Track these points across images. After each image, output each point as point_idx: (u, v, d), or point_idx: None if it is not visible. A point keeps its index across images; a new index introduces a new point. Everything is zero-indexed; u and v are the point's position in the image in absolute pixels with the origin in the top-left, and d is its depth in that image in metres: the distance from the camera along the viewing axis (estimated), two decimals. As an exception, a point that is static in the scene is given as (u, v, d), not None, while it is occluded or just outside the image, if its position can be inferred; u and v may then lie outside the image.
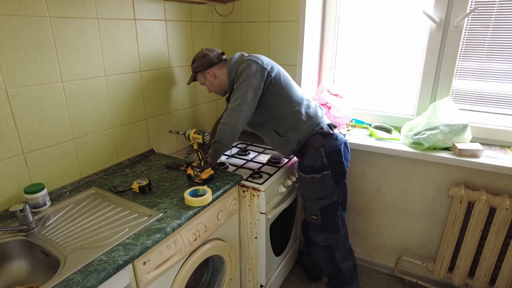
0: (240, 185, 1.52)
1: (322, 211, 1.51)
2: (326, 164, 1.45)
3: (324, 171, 1.45)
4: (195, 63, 1.57)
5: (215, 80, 1.57)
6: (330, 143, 1.47)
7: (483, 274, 1.63)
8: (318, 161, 1.45)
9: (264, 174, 1.58)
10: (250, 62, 1.43)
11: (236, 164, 1.72)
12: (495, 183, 1.59)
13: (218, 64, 1.56)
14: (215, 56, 1.55)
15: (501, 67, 1.58)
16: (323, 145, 1.45)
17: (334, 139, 1.49)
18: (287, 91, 1.48)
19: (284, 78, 1.50)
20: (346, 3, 1.89)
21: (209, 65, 1.54)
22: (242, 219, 1.58)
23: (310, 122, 1.47)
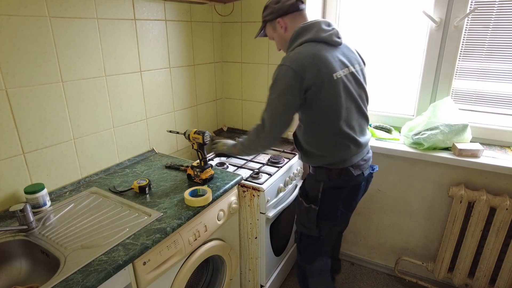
0: (240, 185, 1.52)
1: (301, 236, 1.44)
2: (318, 199, 1.31)
3: (312, 204, 1.32)
4: (266, 11, 1.32)
5: (285, 34, 1.30)
6: (334, 183, 1.29)
7: (483, 274, 1.63)
8: (314, 191, 1.33)
9: (264, 174, 1.58)
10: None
11: (236, 164, 1.72)
12: (495, 183, 1.59)
13: (293, 14, 1.27)
14: (291, 4, 1.26)
15: (501, 67, 1.58)
16: (325, 181, 1.29)
17: (341, 180, 1.28)
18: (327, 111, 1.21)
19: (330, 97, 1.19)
20: (346, 3, 1.89)
21: (281, 13, 1.27)
22: (242, 219, 1.58)
23: (325, 159, 1.28)
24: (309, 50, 1.18)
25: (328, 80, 1.16)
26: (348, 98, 1.21)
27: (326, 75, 1.15)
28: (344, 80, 1.20)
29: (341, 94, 1.18)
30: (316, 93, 1.16)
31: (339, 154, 1.25)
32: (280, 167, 1.67)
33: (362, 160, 1.30)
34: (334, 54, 1.20)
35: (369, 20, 1.86)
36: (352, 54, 1.30)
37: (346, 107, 1.21)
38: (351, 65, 1.25)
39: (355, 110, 1.25)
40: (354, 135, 1.25)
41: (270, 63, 1.98)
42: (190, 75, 1.90)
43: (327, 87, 1.16)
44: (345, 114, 1.21)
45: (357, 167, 1.28)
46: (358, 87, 1.26)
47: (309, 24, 1.24)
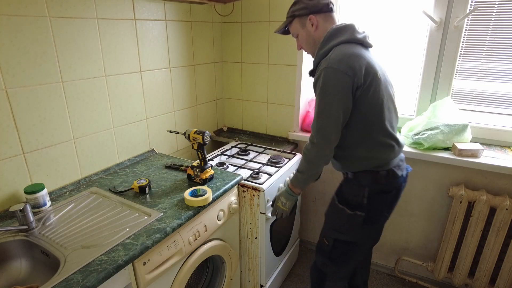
0: (240, 185, 1.52)
1: (336, 242, 1.33)
2: (365, 204, 1.23)
3: (358, 210, 1.24)
4: (296, 5, 1.27)
5: (314, 32, 1.26)
6: (381, 187, 1.23)
7: (483, 274, 1.63)
8: (358, 197, 1.24)
9: (264, 174, 1.58)
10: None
11: (236, 164, 1.72)
12: (495, 183, 1.59)
13: (325, 14, 1.25)
14: (326, 4, 1.24)
15: (501, 67, 1.58)
16: (370, 185, 1.23)
17: (388, 183, 1.24)
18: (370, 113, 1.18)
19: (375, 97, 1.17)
20: (346, 3, 1.89)
21: (315, 10, 1.23)
22: (242, 219, 1.58)
23: (370, 162, 1.22)
24: (350, 50, 1.15)
25: (374, 78, 1.14)
26: (388, 98, 1.22)
27: (372, 74, 1.14)
28: (384, 79, 1.21)
29: (383, 93, 1.18)
30: (364, 92, 1.14)
31: (385, 155, 1.22)
32: (280, 167, 1.67)
33: (400, 160, 1.28)
34: (370, 55, 1.21)
35: (369, 20, 1.86)
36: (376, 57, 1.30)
37: (388, 107, 1.21)
38: (382, 66, 1.26)
39: (393, 110, 1.26)
40: (396, 134, 1.25)
41: (270, 63, 1.98)
42: (190, 75, 1.90)
43: (374, 86, 1.14)
44: (387, 113, 1.20)
45: (399, 168, 1.25)
46: (391, 87, 1.27)
47: (343, 26, 1.22)
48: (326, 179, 2.05)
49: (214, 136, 2.18)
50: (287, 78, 1.95)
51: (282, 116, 2.05)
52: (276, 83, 2.00)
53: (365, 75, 1.12)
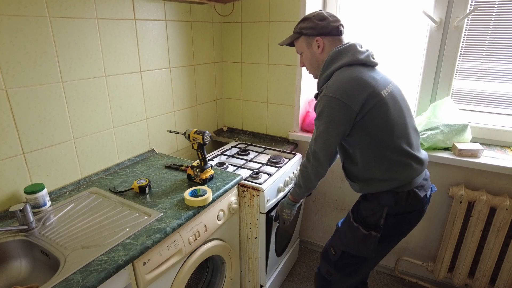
0: (240, 185, 1.51)
1: (344, 254, 1.30)
2: (381, 226, 1.19)
3: (373, 230, 1.20)
4: (305, 23, 1.26)
5: (319, 55, 1.26)
6: (401, 208, 1.19)
7: (483, 274, 1.63)
8: (375, 217, 1.21)
9: (263, 174, 1.58)
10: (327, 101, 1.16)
11: (236, 164, 1.72)
12: (495, 183, 1.59)
13: (333, 37, 1.24)
14: (336, 27, 1.23)
15: (501, 67, 1.58)
16: (391, 206, 1.18)
17: (409, 205, 1.19)
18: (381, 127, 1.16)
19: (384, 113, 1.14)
20: (346, 3, 1.89)
21: (323, 32, 1.23)
22: (242, 219, 1.58)
23: (389, 183, 1.18)
24: (350, 74, 1.15)
25: (378, 99, 1.12)
26: (400, 115, 1.18)
27: (374, 95, 1.12)
28: (391, 97, 1.17)
29: (393, 112, 1.15)
30: (368, 115, 1.13)
31: (404, 174, 1.17)
32: (280, 167, 1.67)
33: (424, 179, 1.23)
34: (373, 74, 1.18)
35: (369, 20, 1.86)
36: (385, 74, 1.27)
37: (401, 124, 1.17)
38: (390, 83, 1.22)
39: (409, 126, 1.21)
40: (414, 152, 1.19)
41: (270, 63, 1.98)
42: (190, 75, 1.90)
43: (378, 107, 1.13)
44: (400, 131, 1.16)
45: (422, 188, 1.20)
46: (403, 103, 1.23)
47: (344, 47, 1.20)
48: (326, 179, 2.05)
49: (214, 136, 2.18)
50: (287, 78, 1.95)
51: (282, 116, 2.05)
52: (276, 83, 2.00)
53: (366, 99, 1.11)
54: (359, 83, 1.13)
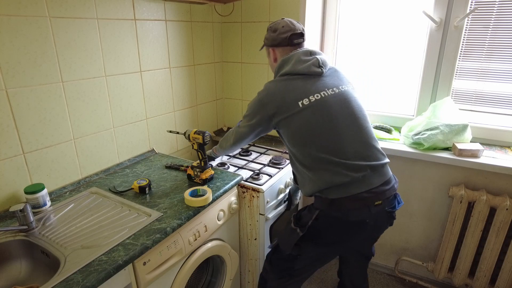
0: (240, 186, 1.51)
1: (277, 248, 1.33)
2: (309, 226, 1.19)
3: (300, 228, 1.21)
4: (266, 33, 1.36)
5: (274, 63, 1.35)
6: (330, 213, 1.17)
7: (483, 274, 1.63)
8: (307, 217, 1.21)
9: (264, 175, 1.58)
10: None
11: (237, 164, 1.72)
12: (495, 183, 1.59)
13: (284, 48, 1.29)
14: (285, 38, 1.27)
15: (501, 67, 1.58)
16: (321, 209, 1.18)
17: (335, 211, 1.16)
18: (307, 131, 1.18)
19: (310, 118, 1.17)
20: (346, 3, 1.89)
21: (274, 44, 1.31)
22: (242, 220, 1.58)
23: (314, 184, 1.17)
24: (280, 83, 1.23)
25: (292, 109, 1.18)
26: (329, 122, 1.16)
27: (289, 104, 1.18)
28: (319, 104, 1.17)
29: (310, 121, 1.16)
30: (283, 119, 1.20)
31: (325, 179, 1.14)
32: (281, 168, 1.66)
33: (368, 192, 1.13)
34: (308, 82, 1.21)
35: (369, 20, 1.86)
36: (339, 78, 1.27)
37: (324, 132, 1.15)
38: (334, 87, 1.22)
39: (347, 133, 1.16)
40: (344, 160, 1.13)
41: (270, 63, 1.98)
42: (190, 75, 1.90)
43: (291, 115, 1.18)
44: (323, 139, 1.15)
45: (358, 200, 1.13)
46: (348, 109, 1.19)
47: (288, 57, 1.27)
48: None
49: (214, 136, 2.18)
50: (287, 78, 1.95)
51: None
52: (276, 83, 2.00)
53: (281, 104, 1.19)
54: (280, 92, 1.20)
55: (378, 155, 1.19)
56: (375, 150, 1.20)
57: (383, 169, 1.19)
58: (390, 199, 1.18)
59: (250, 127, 1.30)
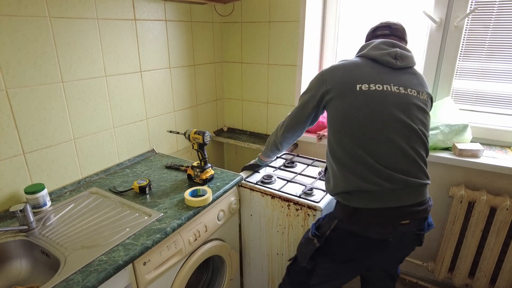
0: (293, 203, 1.39)
1: (296, 259, 1.27)
2: (327, 237, 1.10)
3: (317, 238, 1.12)
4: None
5: None
6: (347, 226, 1.08)
7: (483, 274, 1.63)
8: (325, 227, 1.13)
9: (317, 190, 1.44)
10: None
11: (285, 177, 1.57)
12: (496, 183, 1.58)
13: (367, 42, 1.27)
14: (370, 33, 1.29)
15: (502, 67, 1.58)
16: (340, 219, 1.10)
17: (355, 224, 1.06)
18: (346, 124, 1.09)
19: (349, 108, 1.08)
20: (346, 3, 1.89)
21: (365, 40, 1.32)
22: (293, 239, 1.45)
23: (338, 183, 1.10)
24: (348, 61, 1.17)
25: (348, 88, 1.09)
26: (379, 120, 1.05)
27: (347, 83, 1.10)
28: (376, 96, 1.06)
29: (361, 109, 1.05)
30: (335, 96, 1.11)
31: (352, 180, 1.04)
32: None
33: (396, 209, 1.03)
34: (377, 70, 1.11)
35: (370, 20, 1.85)
36: (414, 80, 1.14)
37: (370, 126, 1.05)
38: (403, 86, 1.10)
39: (394, 140, 1.04)
40: (380, 165, 1.02)
41: (270, 63, 1.98)
42: (190, 75, 1.90)
43: (344, 96, 1.09)
44: (366, 134, 1.05)
45: (384, 216, 1.03)
46: (405, 115, 1.06)
47: (369, 42, 1.21)
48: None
49: (214, 136, 2.18)
50: (287, 78, 1.95)
51: (283, 116, 2.03)
52: (276, 83, 2.00)
53: (339, 82, 1.12)
54: (345, 69, 1.14)
55: (419, 174, 1.06)
56: (418, 168, 1.06)
57: (421, 189, 1.06)
58: (420, 220, 1.08)
59: (302, 103, 1.23)
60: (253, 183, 1.50)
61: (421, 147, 1.08)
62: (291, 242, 1.47)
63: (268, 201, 1.46)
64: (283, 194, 1.42)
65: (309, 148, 2.00)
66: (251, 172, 1.61)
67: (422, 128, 1.08)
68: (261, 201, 1.48)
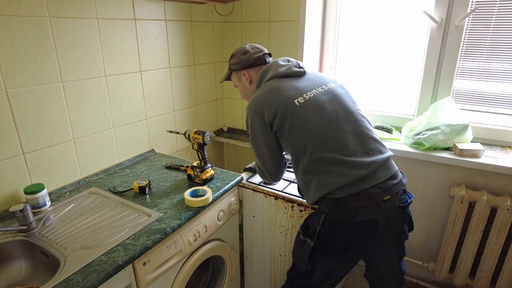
0: (298, 204, 1.38)
1: (294, 265, 1.26)
2: (317, 233, 1.12)
3: (309, 238, 1.14)
4: (232, 59, 1.36)
5: (250, 86, 1.35)
6: (337, 215, 1.10)
7: (484, 275, 1.63)
8: (314, 225, 1.14)
9: None
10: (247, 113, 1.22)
11: (287, 178, 1.56)
12: (496, 183, 1.58)
13: (259, 67, 1.32)
14: (258, 57, 1.31)
15: (502, 67, 1.58)
16: (327, 213, 1.11)
17: (342, 212, 1.09)
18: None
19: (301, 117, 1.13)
20: (346, 3, 1.88)
21: (247, 65, 1.32)
22: (292, 242, 1.42)
23: (318, 189, 1.11)
24: (267, 87, 1.21)
25: (290, 107, 1.13)
26: (324, 120, 1.13)
27: (286, 103, 1.14)
28: (313, 102, 1.15)
29: (310, 118, 1.12)
30: (283, 121, 1.14)
31: (330, 181, 1.09)
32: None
33: (375, 187, 1.08)
34: (295, 82, 1.20)
35: (370, 20, 1.85)
36: (323, 77, 1.26)
37: (322, 129, 1.12)
38: (322, 85, 1.21)
39: (343, 130, 1.13)
40: (349, 157, 1.09)
41: (270, 63, 1.98)
42: (190, 75, 1.90)
43: (291, 114, 1.13)
44: (325, 137, 1.11)
45: (365, 197, 1.07)
46: (339, 105, 1.17)
47: (267, 67, 1.28)
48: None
49: (214, 136, 2.18)
50: (288, 78, 1.95)
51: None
52: (277, 83, 2.00)
53: (278, 108, 1.14)
54: (272, 93, 1.18)
55: (380, 147, 1.16)
56: (376, 142, 1.16)
57: (388, 162, 1.15)
58: (400, 194, 1.13)
59: (263, 145, 1.22)
60: (256, 184, 1.50)
61: (367, 124, 1.19)
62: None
63: (272, 202, 1.45)
64: (287, 195, 1.41)
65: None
66: (253, 173, 1.61)
67: (357, 108, 1.22)
68: (264, 201, 1.48)
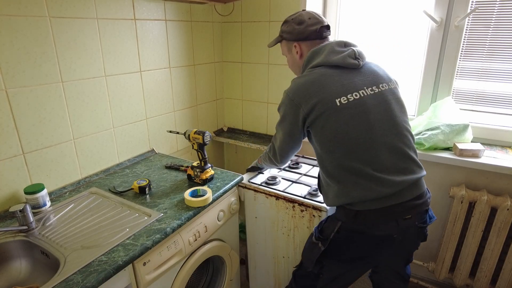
0: (299, 204, 1.38)
1: (302, 264, 1.26)
2: (330, 239, 1.10)
3: (321, 242, 1.13)
4: (285, 25, 1.23)
5: (299, 60, 1.22)
6: (352, 226, 1.08)
7: (484, 275, 1.63)
8: (329, 230, 1.12)
9: None
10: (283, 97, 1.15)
11: (289, 178, 1.58)
12: (496, 183, 1.58)
13: (313, 41, 1.18)
14: (314, 30, 1.16)
15: (502, 67, 1.58)
16: (344, 221, 1.09)
17: (359, 224, 1.06)
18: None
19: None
20: (347, 3, 1.88)
21: (300, 38, 1.18)
22: (298, 241, 1.44)
23: (341, 197, 1.08)
24: (312, 75, 1.10)
25: (328, 107, 1.04)
26: (362, 128, 1.05)
27: (325, 101, 1.05)
28: (354, 106, 1.05)
29: (348, 123, 1.04)
30: (317, 120, 1.07)
31: (354, 193, 1.04)
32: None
33: (399, 206, 1.04)
34: (344, 77, 1.09)
35: (370, 20, 1.85)
36: (378, 75, 1.15)
37: (358, 137, 1.04)
38: (374, 85, 1.10)
39: (379, 142, 1.05)
40: (379, 172, 1.03)
41: (270, 63, 1.98)
42: (190, 75, 1.90)
43: (327, 114, 1.05)
44: (359, 147, 1.04)
45: (387, 214, 1.04)
46: (388, 113, 1.08)
47: (319, 48, 1.15)
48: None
49: (214, 136, 2.18)
50: (287, 78, 1.94)
51: (283, 116, 2.05)
52: (277, 83, 2.00)
53: (315, 104, 1.06)
54: (315, 86, 1.07)
55: (413, 167, 1.08)
56: (411, 162, 1.09)
57: (419, 182, 1.08)
58: (422, 213, 1.09)
59: (286, 132, 1.17)
60: (258, 184, 1.50)
61: (409, 139, 1.11)
62: (297, 245, 1.46)
63: (273, 203, 1.45)
64: (288, 195, 1.41)
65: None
66: (255, 174, 1.61)
67: (404, 119, 1.12)
68: (266, 202, 1.48)
